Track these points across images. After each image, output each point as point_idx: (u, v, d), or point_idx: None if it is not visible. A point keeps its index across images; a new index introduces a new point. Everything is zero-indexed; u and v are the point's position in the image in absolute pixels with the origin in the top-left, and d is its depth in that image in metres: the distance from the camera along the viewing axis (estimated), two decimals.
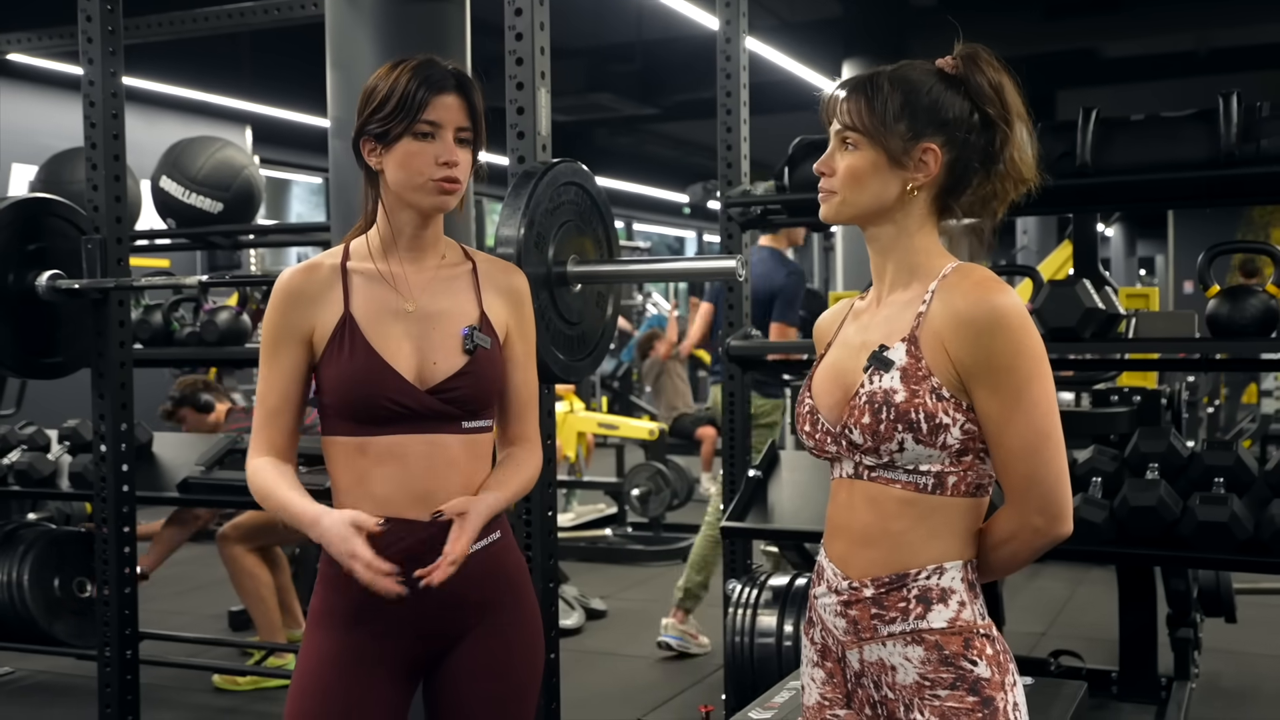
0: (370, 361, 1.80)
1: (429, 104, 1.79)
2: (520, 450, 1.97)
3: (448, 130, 1.81)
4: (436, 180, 1.80)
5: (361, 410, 1.80)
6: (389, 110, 1.80)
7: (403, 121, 1.79)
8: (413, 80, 1.80)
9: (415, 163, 1.80)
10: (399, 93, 1.79)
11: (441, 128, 1.80)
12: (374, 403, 1.79)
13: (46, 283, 3.47)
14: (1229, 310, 2.97)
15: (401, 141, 1.80)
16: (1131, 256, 19.23)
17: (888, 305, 1.60)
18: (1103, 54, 10.23)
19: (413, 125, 1.79)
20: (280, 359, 1.84)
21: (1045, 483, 1.50)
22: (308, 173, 12.62)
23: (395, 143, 1.80)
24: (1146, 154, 2.98)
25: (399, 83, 1.80)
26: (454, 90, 1.82)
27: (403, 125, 1.79)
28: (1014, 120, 1.57)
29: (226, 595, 5.80)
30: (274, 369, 1.85)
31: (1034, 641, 4.86)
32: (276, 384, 1.85)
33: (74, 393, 4.38)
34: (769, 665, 3.27)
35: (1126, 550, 2.98)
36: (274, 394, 1.85)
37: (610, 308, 2.67)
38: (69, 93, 8.03)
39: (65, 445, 4.46)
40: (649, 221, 18.92)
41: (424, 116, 1.79)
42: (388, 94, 1.80)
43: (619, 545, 7.20)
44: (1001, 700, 1.51)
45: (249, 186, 4.58)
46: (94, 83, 3.42)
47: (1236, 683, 4.54)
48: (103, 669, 3.51)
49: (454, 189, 1.82)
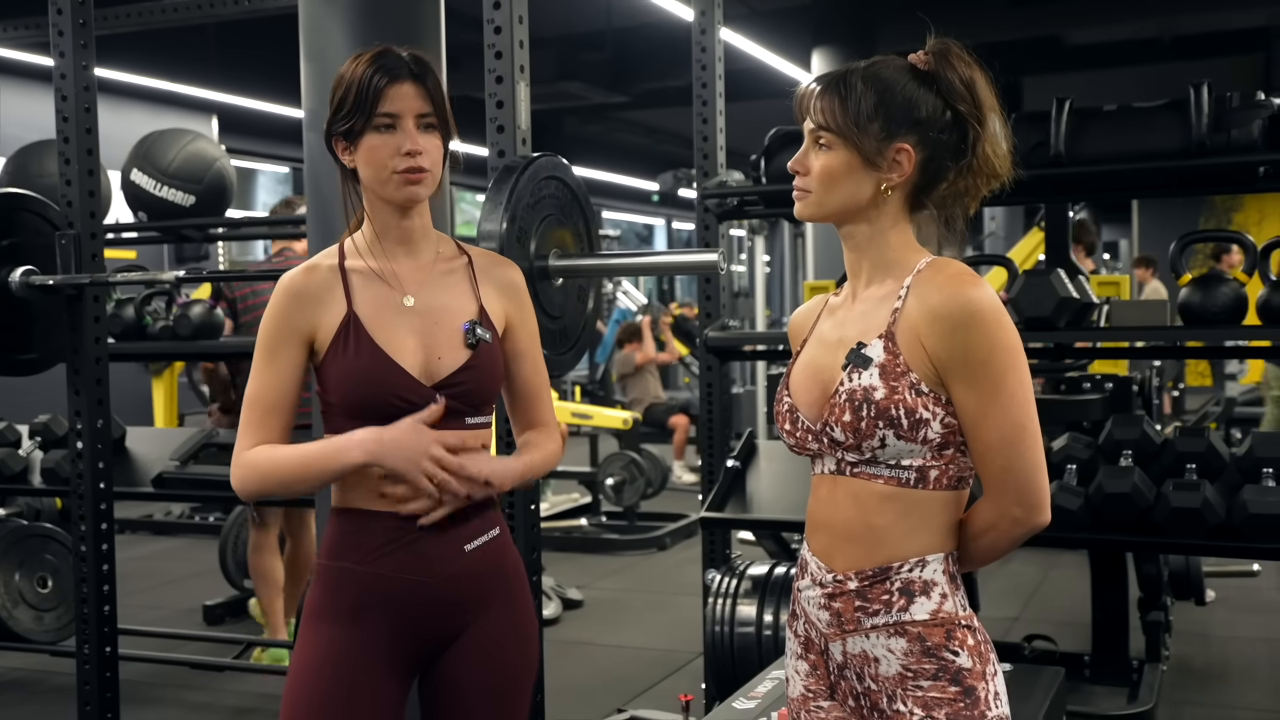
0: (376, 359, 1.79)
1: (384, 94, 1.77)
2: (537, 433, 1.99)
3: (407, 119, 1.79)
4: (400, 172, 1.78)
5: (368, 408, 1.78)
6: (349, 107, 1.78)
7: (362, 116, 1.77)
8: (366, 71, 1.78)
9: (378, 156, 1.78)
10: (355, 87, 1.78)
11: (400, 117, 1.78)
12: (381, 400, 1.77)
13: (20, 279, 3.43)
14: (1201, 298, 3.01)
15: (365, 137, 1.78)
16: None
17: (863, 301, 1.61)
18: (1067, 41, 10.28)
19: (371, 119, 1.77)
20: (279, 359, 1.82)
21: (1023, 474, 1.52)
22: (274, 162, 12.52)
23: (359, 138, 1.79)
24: (1119, 144, 3.00)
25: (356, 76, 1.79)
26: (409, 78, 1.79)
27: (362, 120, 1.78)
28: (986, 116, 1.58)
29: (201, 589, 5.79)
30: (271, 368, 1.82)
31: (1008, 626, 4.91)
32: (273, 383, 1.82)
33: (44, 388, 4.35)
34: (749, 654, 3.29)
35: (1101, 536, 3.02)
36: (269, 393, 1.82)
37: (591, 301, 2.68)
38: (35, 83, 7.96)
39: (36, 440, 4.43)
40: (618, 209, 18.90)
41: (381, 109, 1.77)
42: (347, 89, 1.79)
43: (594, 535, 7.22)
44: (983, 690, 1.53)
45: (221, 179, 4.55)
46: (65, 76, 3.38)
47: (1206, 664, 4.61)
48: (81, 666, 3.48)
49: (420, 178, 1.80)
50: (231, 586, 5.56)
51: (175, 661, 4.54)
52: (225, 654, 4.64)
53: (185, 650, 4.76)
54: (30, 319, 3.52)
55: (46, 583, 4.58)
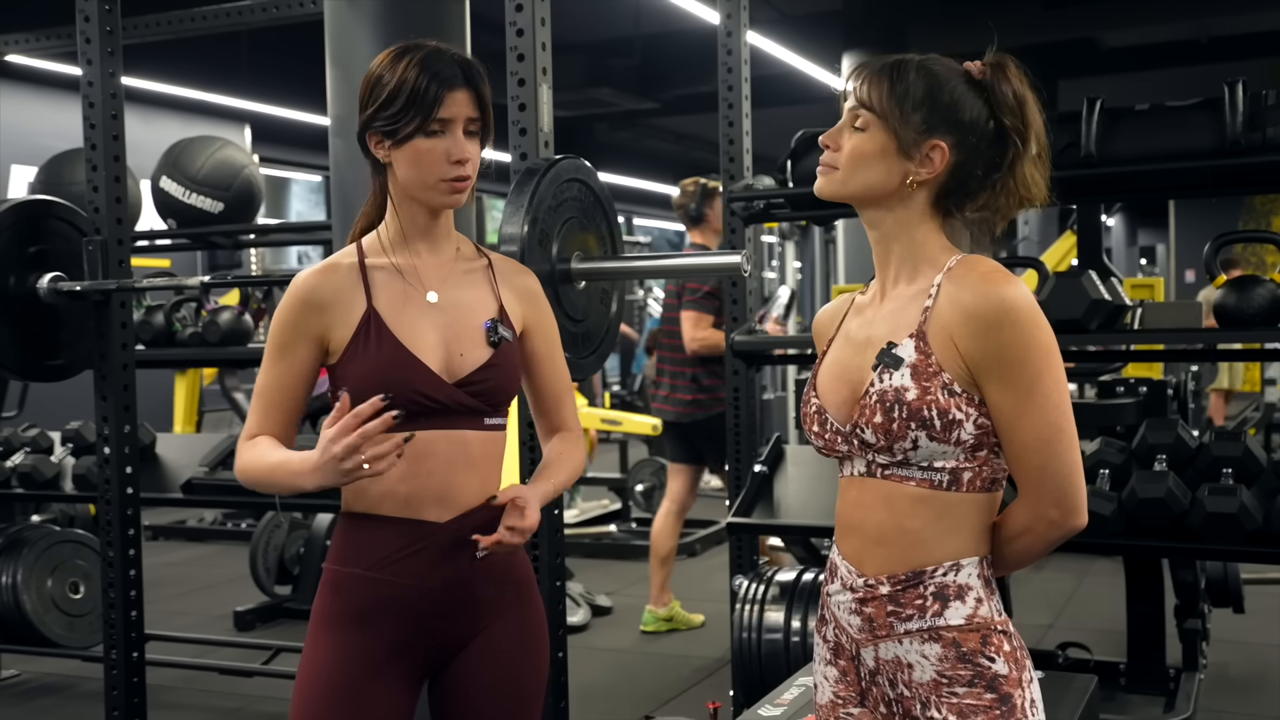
0: (397, 354, 1.77)
1: (441, 101, 1.74)
2: (562, 441, 1.98)
3: (458, 125, 1.76)
4: (449, 180, 1.77)
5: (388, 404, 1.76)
6: (398, 108, 1.74)
7: (414, 120, 1.74)
8: (422, 76, 1.74)
9: (427, 161, 1.76)
10: (409, 89, 1.74)
11: (453, 123, 1.76)
12: (402, 396, 1.73)
13: (48, 285, 3.46)
14: (1236, 300, 2.96)
15: (414, 140, 1.76)
16: (1133, 246, 19.20)
17: (892, 299, 1.59)
18: (1103, 43, 10.20)
19: (426, 124, 1.75)
20: (289, 357, 1.81)
21: (1059, 475, 1.49)
22: (307, 170, 12.59)
23: (407, 140, 1.76)
24: (1152, 144, 2.96)
25: (408, 77, 1.74)
26: (463, 84, 1.77)
27: (414, 125, 1.74)
28: (1030, 136, 1.56)
29: (232, 595, 5.81)
30: (280, 365, 1.81)
31: (1041, 634, 4.85)
32: (281, 379, 1.81)
33: (76, 395, 4.37)
34: (776, 661, 3.26)
35: (1135, 542, 2.97)
36: (276, 388, 1.81)
37: (614, 304, 2.66)
38: (67, 93, 8.03)
39: (69, 447, 4.46)
40: (649, 216, 18.89)
41: (437, 115, 1.74)
42: (396, 89, 1.75)
43: (623, 541, 7.20)
44: (1019, 697, 1.50)
45: (249, 186, 4.57)
46: (93, 83, 3.40)
47: (1245, 673, 4.53)
48: (109, 671, 3.50)
49: (465, 186, 1.79)
50: (262, 592, 5.58)
51: (205, 667, 4.55)
52: (255, 659, 4.64)
53: (215, 656, 4.77)
54: (58, 325, 3.54)
55: (78, 588, 4.61)
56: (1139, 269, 19.03)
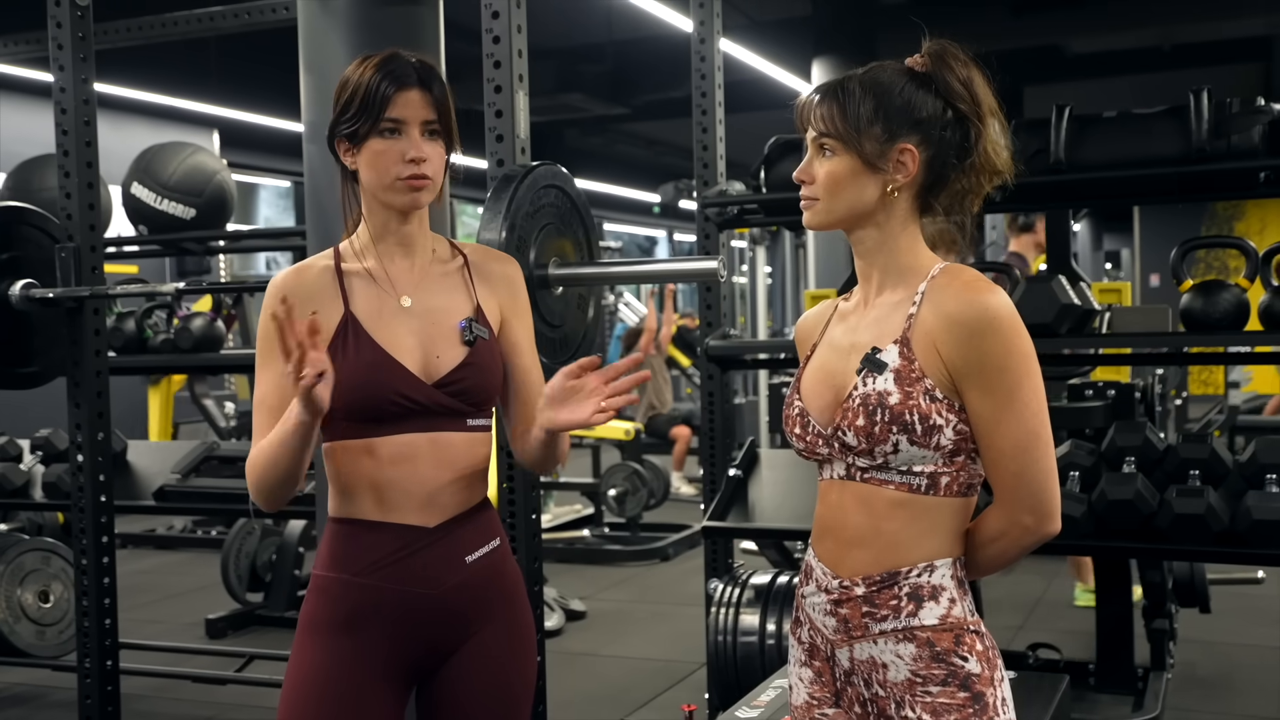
0: (376, 357, 1.78)
1: (392, 100, 1.76)
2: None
3: (413, 126, 1.78)
4: (404, 179, 1.78)
5: (370, 408, 1.77)
6: (355, 109, 1.78)
7: (367, 120, 1.77)
8: (375, 76, 1.77)
9: (383, 161, 1.78)
10: (363, 90, 1.77)
11: (406, 123, 1.78)
12: (382, 398, 1.75)
13: (20, 292, 3.44)
14: (1202, 304, 3.01)
15: (369, 141, 1.78)
16: (1098, 251, 19.36)
17: (876, 307, 1.61)
18: (1069, 50, 10.29)
19: (377, 124, 1.77)
20: (280, 359, 1.77)
21: (1035, 482, 1.52)
22: (275, 176, 12.54)
23: (364, 142, 1.79)
24: (1119, 150, 3.00)
25: (363, 79, 1.78)
26: (416, 84, 1.78)
27: (368, 124, 1.77)
28: (985, 114, 1.58)
29: (203, 603, 5.78)
30: (273, 369, 1.79)
31: (1012, 634, 4.90)
32: (279, 381, 1.78)
33: (45, 401, 4.35)
34: (752, 664, 3.28)
35: (1105, 543, 3.01)
36: (275, 393, 1.79)
37: (591, 310, 2.67)
38: (35, 99, 7.98)
39: (38, 455, 4.42)
40: (620, 221, 18.91)
41: (387, 114, 1.76)
42: (354, 92, 1.78)
43: (596, 546, 7.21)
44: (991, 695, 1.52)
45: (221, 192, 4.56)
46: (65, 90, 3.39)
47: (1211, 671, 4.59)
48: (83, 680, 3.48)
49: (423, 184, 1.80)
50: (234, 600, 5.55)
51: (177, 675, 4.52)
52: (227, 667, 4.62)
53: (188, 664, 4.74)
54: (30, 332, 3.52)
55: (48, 597, 4.58)
56: (1104, 274, 19.20)
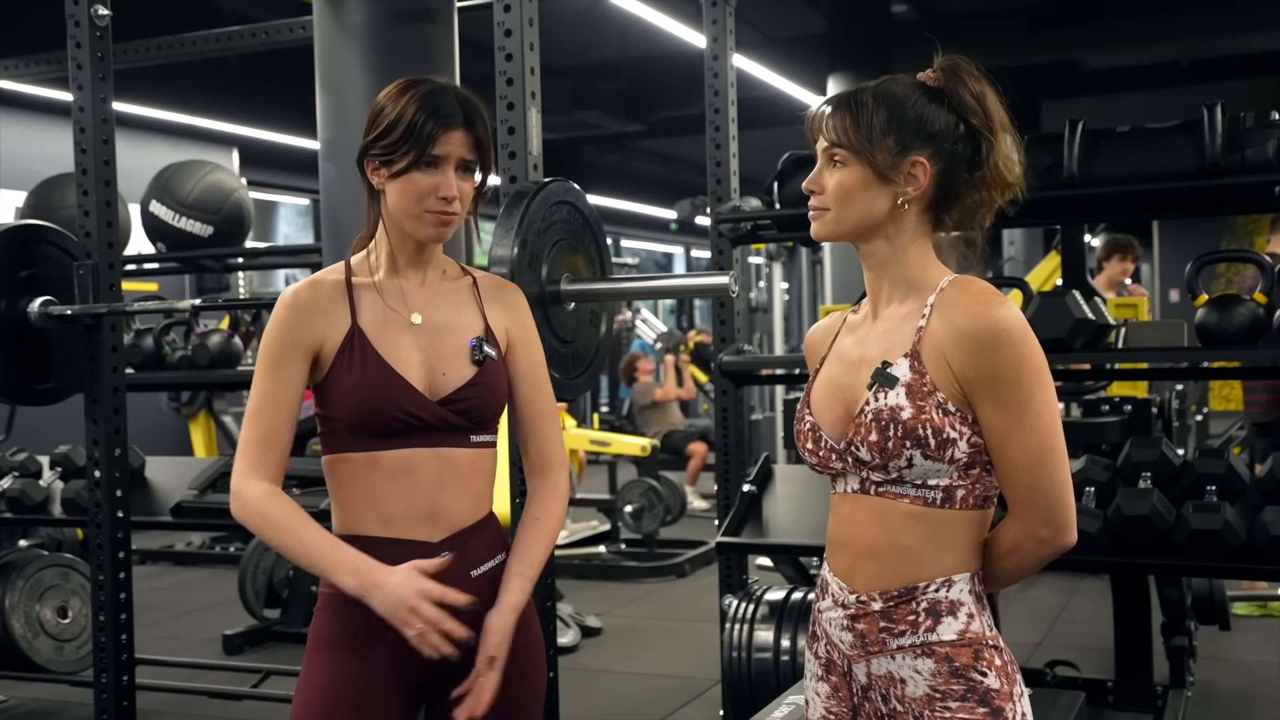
0: (381, 372, 1.79)
1: (436, 139, 1.78)
2: (543, 489, 1.93)
3: (451, 163, 1.80)
4: (433, 212, 1.80)
5: (374, 423, 1.77)
6: (395, 139, 1.78)
7: (408, 154, 1.78)
8: (420, 112, 1.78)
9: (416, 194, 1.79)
10: (405, 123, 1.78)
11: (445, 160, 1.79)
12: (386, 413, 1.76)
13: (39, 309, 3.47)
14: (1218, 319, 2.99)
15: (406, 173, 1.79)
16: None
17: (885, 319, 1.61)
18: (1085, 66, 10.28)
19: (419, 160, 1.78)
20: (284, 372, 1.80)
21: (1050, 494, 1.51)
22: (294, 194, 12.61)
23: (399, 172, 1.79)
24: (1133, 165, 2.99)
25: (406, 111, 1.78)
26: (461, 124, 1.80)
27: (408, 158, 1.78)
28: (997, 128, 1.58)
29: (221, 619, 5.79)
30: (275, 382, 1.80)
31: (1030, 652, 4.87)
32: (279, 397, 1.79)
33: (64, 418, 4.37)
34: (766, 680, 3.27)
35: (1121, 560, 2.99)
36: (272, 409, 1.79)
37: (603, 325, 2.68)
38: (57, 118, 8.05)
39: (57, 471, 4.45)
40: (636, 238, 18.94)
41: (430, 151, 1.78)
42: (395, 121, 1.79)
43: (613, 562, 7.20)
44: (1010, 711, 1.52)
45: (239, 209, 4.59)
46: (84, 109, 3.42)
47: (1232, 690, 4.55)
48: (99, 695, 3.49)
49: (450, 220, 1.82)
50: (251, 616, 5.56)
51: (194, 691, 4.53)
52: (244, 683, 4.63)
53: (205, 680, 4.75)
54: (49, 349, 3.55)
55: (67, 613, 4.59)
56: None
